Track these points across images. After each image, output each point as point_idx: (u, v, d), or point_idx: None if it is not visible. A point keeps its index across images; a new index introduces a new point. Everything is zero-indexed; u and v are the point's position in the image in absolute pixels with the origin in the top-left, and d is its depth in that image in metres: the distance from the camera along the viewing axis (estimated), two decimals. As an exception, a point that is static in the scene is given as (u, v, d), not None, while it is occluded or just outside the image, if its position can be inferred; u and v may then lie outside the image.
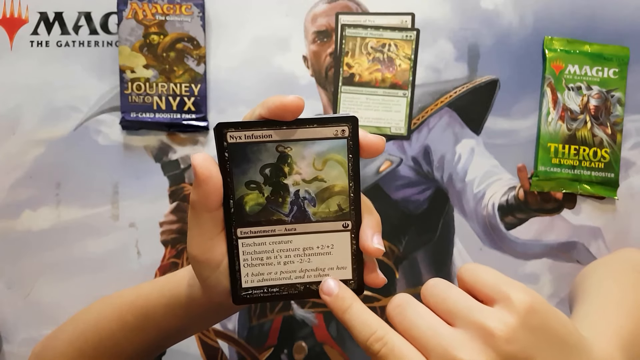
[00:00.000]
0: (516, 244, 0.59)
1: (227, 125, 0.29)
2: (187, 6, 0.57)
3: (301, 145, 0.30)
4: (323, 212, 0.31)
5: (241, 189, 0.30)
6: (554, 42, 0.58)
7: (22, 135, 0.60)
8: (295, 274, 0.32)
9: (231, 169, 0.30)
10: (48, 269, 0.60)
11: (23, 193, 0.60)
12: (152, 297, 0.39)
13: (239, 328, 0.60)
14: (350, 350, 0.59)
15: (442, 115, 0.59)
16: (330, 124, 0.30)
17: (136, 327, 0.39)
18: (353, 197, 0.31)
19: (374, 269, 0.32)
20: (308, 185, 0.31)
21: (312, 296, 0.32)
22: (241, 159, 0.30)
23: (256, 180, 0.30)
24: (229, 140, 0.29)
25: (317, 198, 0.31)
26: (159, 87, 0.58)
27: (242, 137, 0.29)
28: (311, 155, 0.30)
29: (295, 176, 0.30)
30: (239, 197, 0.30)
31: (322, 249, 0.32)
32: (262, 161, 0.30)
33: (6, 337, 0.60)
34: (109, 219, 0.60)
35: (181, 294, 0.37)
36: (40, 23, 0.59)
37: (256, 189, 0.30)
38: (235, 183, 0.30)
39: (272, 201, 0.31)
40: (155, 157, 0.60)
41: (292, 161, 0.30)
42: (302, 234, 0.31)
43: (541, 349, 0.26)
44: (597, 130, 0.58)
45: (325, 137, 0.30)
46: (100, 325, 0.40)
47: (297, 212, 0.31)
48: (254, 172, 0.30)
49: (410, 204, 0.59)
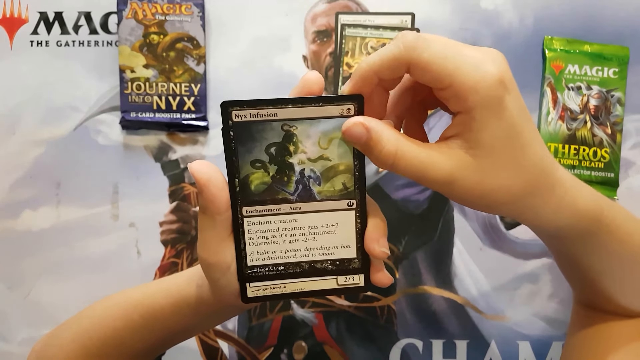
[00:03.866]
0: (516, 243, 0.59)
1: (233, 104, 0.29)
2: (187, 6, 0.57)
3: (307, 124, 0.30)
4: (328, 190, 0.31)
5: (246, 167, 0.30)
6: (554, 42, 0.58)
7: (22, 135, 0.60)
8: (300, 253, 0.32)
9: (236, 147, 0.30)
10: (48, 269, 0.60)
11: (23, 193, 0.60)
12: (158, 297, 0.39)
13: (238, 328, 0.60)
14: (350, 350, 0.59)
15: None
16: (336, 102, 0.29)
17: (142, 327, 0.39)
18: (358, 176, 0.31)
19: (381, 268, 0.32)
20: (313, 164, 0.31)
21: (316, 275, 0.32)
22: (246, 137, 0.30)
23: (261, 159, 0.30)
24: (234, 118, 0.29)
25: (322, 177, 0.31)
26: (158, 87, 0.58)
27: (247, 116, 0.29)
28: (317, 134, 0.30)
29: (301, 155, 0.30)
30: (244, 176, 0.30)
31: (326, 228, 0.32)
32: (267, 140, 0.30)
33: (6, 337, 0.60)
34: (109, 218, 0.60)
35: (189, 295, 0.37)
36: (40, 23, 0.59)
37: (261, 167, 0.30)
38: (240, 162, 0.30)
39: (278, 180, 0.31)
40: (155, 156, 0.60)
41: (298, 140, 0.30)
42: (307, 213, 0.31)
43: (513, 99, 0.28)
44: (597, 130, 0.58)
45: (331, 116, 0.30)
46: (105, 323, 0.41)
47: (302, 191, 0.31)
48: (260, 151, 0.30)
49: (410, 204, 0.59)
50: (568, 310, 0.59)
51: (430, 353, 0.60)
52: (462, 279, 0.59)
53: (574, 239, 0.35)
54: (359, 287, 0.33)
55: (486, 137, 0.28)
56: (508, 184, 0.29)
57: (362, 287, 0.33)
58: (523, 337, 0.59)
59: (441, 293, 0.60)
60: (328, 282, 0.33)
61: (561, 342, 0.59)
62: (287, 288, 0.32)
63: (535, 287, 0.59)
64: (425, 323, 0.60)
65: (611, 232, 0.35)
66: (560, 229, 0.33)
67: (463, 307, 0.59)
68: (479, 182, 0.28)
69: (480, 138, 0.28)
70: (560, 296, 0.59)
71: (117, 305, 0.41)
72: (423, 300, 0.60)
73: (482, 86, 0.27)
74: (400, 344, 0.60)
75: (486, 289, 0.59)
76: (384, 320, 0.60)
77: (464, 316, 0.59)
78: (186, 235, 0.60)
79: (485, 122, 0.27)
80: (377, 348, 0.60)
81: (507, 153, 0.28)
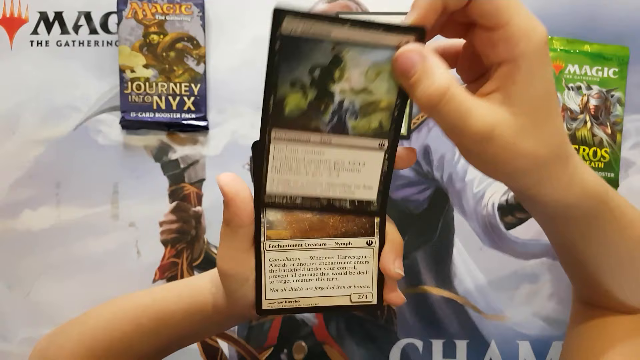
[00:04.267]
0: (516, 243, 0.59)
1: (287, 12, 0.26)
2: (187, 6, 0.57)
3: (359, 50, 0.27)
4: (363, 127, 0.29)
5: (284, 87, 0.28)
6: (554, 41, 0.58)
7: (22, 135, 0.60)
8: (321, 187, 0.31)
9: (279, 62, 0.27)
10: (48, 268, 0.60)
11: (23, 193, 0.60)
12: (169, 302, 0.39)
13: (238, 328, 0.60)
14: (350, 350, 0.60)
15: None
16: (396, 32, 0.27)
17: (151, 331, 0.40)
18: (396, 117, 0.29)
19: (394, 288, 0.33)
20: (354, 96, 0.29)
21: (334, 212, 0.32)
22: (292, 53, 0.27)
23: (303, 80, 0.28)
24: (283, 31, 0.26)
25: (360, 111, 0.29)
26: (158, 87, 0.58)
27: (298, 29, 0.26)
28: (366, 64, 0.28)
29: (344, 84, 0.28)
30: (280, 95, 0.28)
31: (352, 165, 0.30)
32: (313, 60, 0.27)
33: (6, 337, 0.60)
34: (108, 218, 0.60)
35: (202, 302, 0.38)
36: (40, 23, 0.59)
37: (300, 89, 0.28)
38: (280, 79, 0.27)
39: (314, 107, 0.29)
40: (155, 156, 0.60)
41: (345, 66, 0.28)
42: (336, 147, 0.30)
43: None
44: (597, 130, 0.58)
45: (387, 46, 0.27)
46: (113, 326, 0.41)
47: (336, 123, 0.29)
48: (303, 70, 0.27)
49: (410, 204, 0.59)
50: (568, 310, 0.59)
51: (430, 353, 0.60)
52: (462, 279, 0.59)
53: (578, 220, 0.34)
54: (371, 305, 0.33)
55: (529, 92, 0.27)
56: (537, 149, 0.28)
57: (375, 305, 0.33)
58: (523, 337, 0.59)
59: (441, 293, 0.60)
60: (342, 298, 0.33)
61: (561, 341, 0.59)
62: (302, 303, 0.33)
63: (535, 287, 0.59)
64: (425, 323, 0.60)
65: (615, 217, 0.34)
66: (569, 206, 0.32)
67: (463, 307, 0.59)
68: (514, 142, 0.27)
69: (523, 93, 0.27)
70: (560, 296, 0.59)
71: (125, 309, 0.41)
72: (423, 300, 0.60)
73: (534, 35, 0.26)
74: (400, 343, 0.60)
75: (486, 289, 0.59)
76: (384, 320, 0.60)
77: (464, 316, 0.59)
78: (186, 235, 0.60)
79: (531, 74, 0.27)
80: (377, 348, 0.60)
81: (544, 114, 0.28)
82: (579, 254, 0.38)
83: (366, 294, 0.33)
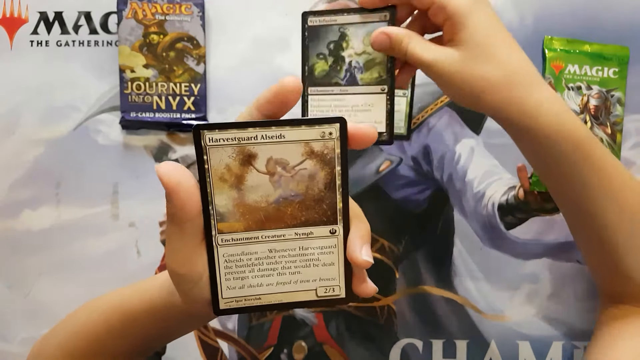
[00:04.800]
0: (516, 243, 0.59)
1: (312, 13, 0.43)
2: (187, 6, 0.57)
3: (355, 27, 0.43)
4: (368, 78, 0.43)
5: (313, 58, 0.44)
6: (554, 41, 0.58)
7: (22, 135, 0.60)
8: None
9: (308, 43, 0.44)
10: (48, 268, 0.60)
11: (23, 193, 0.60)
12: (133, 302, 0.38)
13: (238, 328, 0.60)
14: (350, 350, 0.59)
15: (442, 115, 0.59)
16: (377, 11, 0.42)
17: (121, 331, 0.39)
18: (390, 67, 0.42)
19: (364, 279, 0.30)
20: (358, 57, 0.43)
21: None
22: (315, 36, 0.44)
23: (323, 52, 0.44)
24: (309, 23, 0.44)
25: (364, 67, 0.43)
26: (158, 87, 0.58)
27: (317, 21, 0.43)
28: (362, 34, 0.42)
29: (350, 50, 0.43)
30: (311, 64, 0.44)
31: (364, 107, 0.43)
32: (328, 38, 0.43)
33: (6, 337, 0.60)
34: (108, 218, 0.60)
35: (161, 301, 0.36)
36: (40, 23, 0.59)
37: (323, 58, 0.44)
38: (310, 53, 0.44)
39: (333, 68, 0.43)
40: (155, 156, 0.60)
41: (349, 38, 0.43)
42: (352, 94, 0.43)
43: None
44: (597, 130, 0.58)
45: (372, 21, 0.42)
46: (88, 329, 0.40)
47: (349, 77, 0.43)
48: (323, 46, 0.44)
49: (410, 204, 0.59)
50: (568, 310, 0.59)
51: (430, 353, 0.60)
52: (462, 279, 0.59)
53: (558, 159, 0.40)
54: (339, 299, 0.31)
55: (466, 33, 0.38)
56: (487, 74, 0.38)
57: (343, 298, 0.30)
58: (523, 337, 0.59)
59: (441, 293, 0.60)
60: (307, 293, 0.30)
61: (561, 342, 0.59)
62: (263, 300, 0.30)
63: (535, 287, 0.59)
64: (425, 323, 0.60)
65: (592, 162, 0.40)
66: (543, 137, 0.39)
67: (463, 307, 0.59)
68: (458, 70, 0.38)
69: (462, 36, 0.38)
70: (560, 296, 0.59)
71: (98, 310, 0.41)
72: (423, 300, 0.60)
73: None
74: (400, 343, 0.60)
75: (486, 289, 0.59)
76: (383, 320, 0.60)
77: (464, 316, 0.59)
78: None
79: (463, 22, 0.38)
80: (377, 348, 0.60)
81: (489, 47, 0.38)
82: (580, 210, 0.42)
83: (333, 287, 0.30)
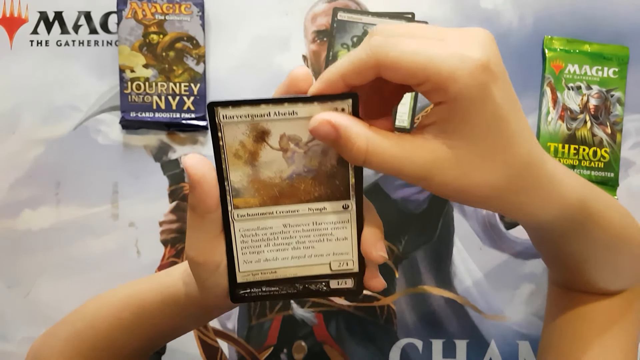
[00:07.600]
0: (516, 243, 0.59)
1: (341, 9, 0.55)
2: (186, 5, 0.57)
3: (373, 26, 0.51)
4: None
5: (337, 46, 0.55)
6: (553, 41, 0.58)
7: (22, 134, 0.60)
8: None
9: (335, 34, 0.55)
10: (48, 268, 0.60)
11: (23, 193, 0.60)
12: (147, 295, 0.39)
13: (238, 327, 0.60)
14: (350, 350, 0.59)
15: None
16: (394, 17, 0.54)
17: (132, 325, 0.39)
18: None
19: (376, 274, 0.31)
20: None
21: None
22: (341, 29, 0.54)
23: (347, 43, 0.55)
24: (338, 17, 0.55)
25: None
26: (158, 87, 0.58)
27: (346, 17, 0.54)
28: None
29: None
30: (335, 51, 0.55)
31: None
32: (352, 33, 0.55)
33: (6, 337, 0.60)
34: (108, 218, 0.60)
35: (177, 293, 0.37)
36: (40, 22, 0.60)
37: (346, 48, 0.55)
38: (335, 42, 0.55)
39: None
40: (155, 156, 0.60)
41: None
42: None
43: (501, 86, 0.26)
44: (596, 130, 0.58)
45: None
46: (96, 324, 0.40)
47: None
48: (347, 38, 0.55)
49: (410, 204, 0.59)
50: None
51: (430, 353, 0.60)
52: (462, 279, 0.59)
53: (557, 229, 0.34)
54: (350, 290, 0.32)
55: (466, 127, 0.26)
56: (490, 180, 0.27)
57: (354, 290, 0.32)
58: (523, 337, 0.59)
59: (441, 293, 0.60)
60: (321, 267, 0.31)
61: (561, 342, 0.59)
62: (279, 273, 0.31)
63: (535, 287, 0.59)
64: (425, 323, 0.60)
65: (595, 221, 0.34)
66: (547, 222, 0.32)
67: (463, 307, 0.59)
68: (457, 177, 0.26)
69: (459, 129, 0.26)
70: (560, 296, 0.59)
71: (107, 305, 0.41)
72: (423, 300, 0.60)
73: (461, 74, 0.24)
74: (400, 343, 0.60)
75: (486, 289, 0.59)
76: (383, 320, 0.60)
77: (464, 316, 0.59)
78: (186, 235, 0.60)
79: (466, 112, 0.25)
80: (376, 348, 0.60)
81: (489, 146, 0.26)
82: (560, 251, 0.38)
83: (346, 260, 0.31)
